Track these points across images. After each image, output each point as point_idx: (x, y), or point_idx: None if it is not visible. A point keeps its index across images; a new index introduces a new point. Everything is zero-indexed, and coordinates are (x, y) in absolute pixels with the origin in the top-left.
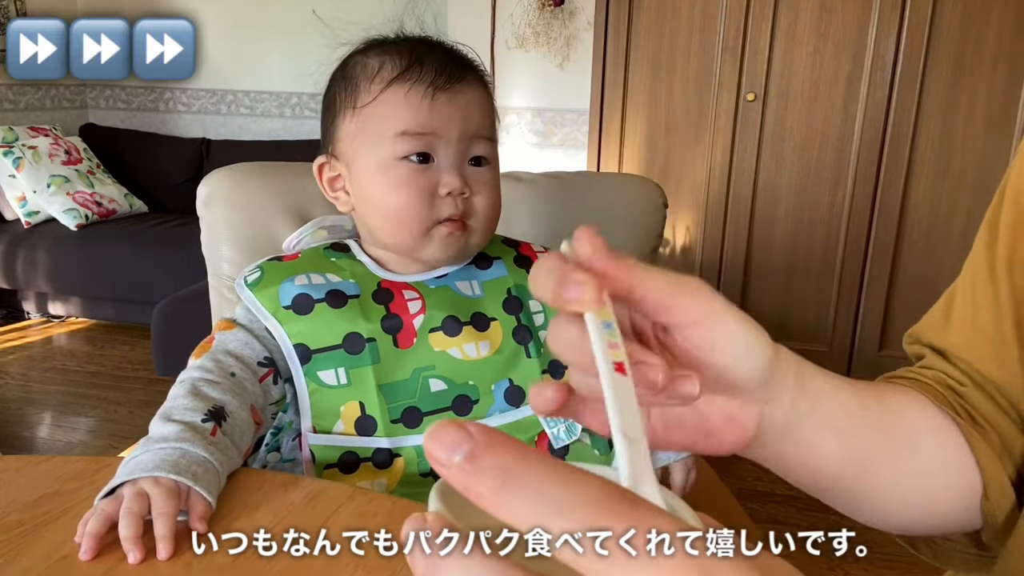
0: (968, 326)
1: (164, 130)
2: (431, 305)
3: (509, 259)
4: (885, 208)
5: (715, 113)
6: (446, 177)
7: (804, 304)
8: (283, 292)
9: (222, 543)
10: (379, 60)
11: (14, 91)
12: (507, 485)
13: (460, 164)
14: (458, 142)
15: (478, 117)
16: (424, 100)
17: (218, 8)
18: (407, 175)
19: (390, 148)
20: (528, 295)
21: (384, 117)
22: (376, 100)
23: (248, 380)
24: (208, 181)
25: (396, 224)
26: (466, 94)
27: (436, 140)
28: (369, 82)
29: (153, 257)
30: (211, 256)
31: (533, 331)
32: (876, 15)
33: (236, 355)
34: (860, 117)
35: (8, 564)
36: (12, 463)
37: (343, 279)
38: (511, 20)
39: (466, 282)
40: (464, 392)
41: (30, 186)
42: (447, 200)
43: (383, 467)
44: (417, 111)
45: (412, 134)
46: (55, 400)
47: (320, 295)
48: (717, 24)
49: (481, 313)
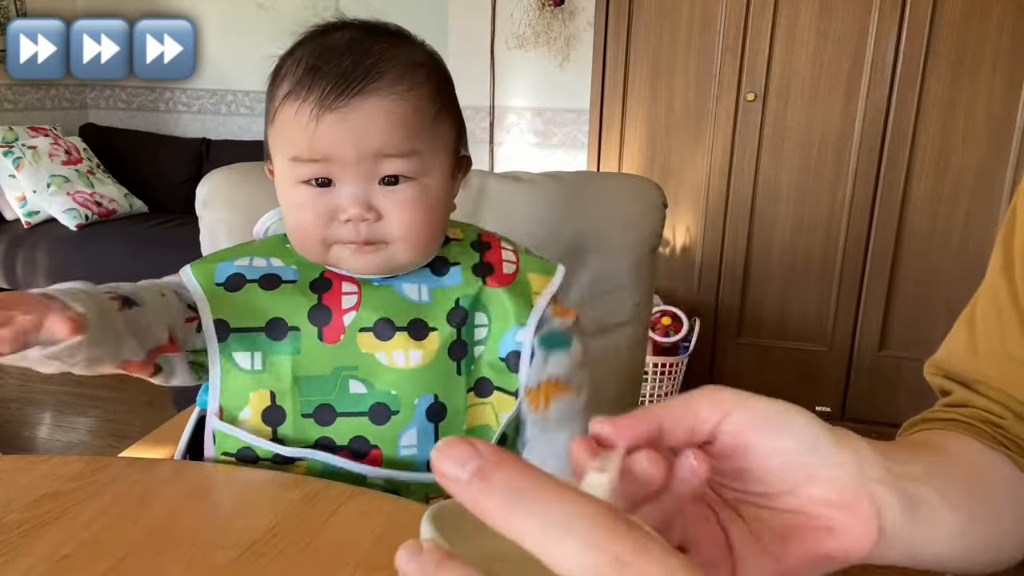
0: (998, 353)
1: (164, 130)
2: (367, 304)
3: (468, 266)
4: (885, 208)
5: (715, 113)
6: (344, 202)
7: (804, 304)
8: (219, 271)
9: (223, 543)
10: (286, 68)
11: (14, 91)
12: (514, 501)
13: (364, 187)
14: (357, 165)
15: (381, 135)
16: (311, 122)
17: (218, 8)
18: (305, 198)
19: (288, 171)
20: (476, 306)
21: (279, 138)
22: (275, 119)
23: (175, 305)
24: (208, 181)
25: (297, 242)
26: (362, 110)
27: (330, 165)
28: (273, 97)
29: (153, 257)
30: None
31: (470, 346)
32: (876, 15)
33: (169, 286)
34: (860, 117)
35: (8, 564)
36: (12, 463)
37: (286, 264)
38: (511, 20)
39: (414, 285)
40: (383, 400)
41: (30, 186)
42: (347, 225)
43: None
44: (303, 134)
45: (303, 160)
46: (55, 400)
47: (254, 276)
48: (717, 24)
49: (421, 320)
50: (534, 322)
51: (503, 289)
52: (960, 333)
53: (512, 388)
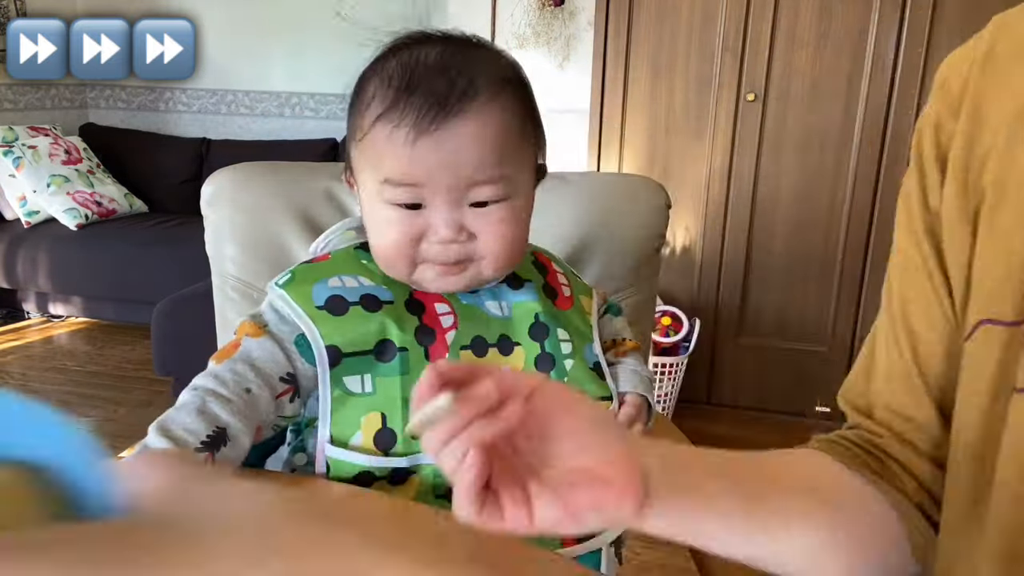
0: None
1: (164, 130)
2: (463, 321)
3: (539, 284)
4: (885, 208)
5: (715, 113)
6: (435, 225)
7: (804, 304)
8: (316, 292)
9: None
10: (374, 86)
11: (14, 91)
12: None
13: (455, 210)
14: (448, 192)
15: (475, 160)
16: (405, 147)
17: (218, 8)
18: (395, 218)
19: (378, 191)
20: (556, 323)
21: (372, 159)
22: (366, 138)
23: (263, 398)
24: (212, 180)
25: (383, 261)
26: (458, 133)
27: (422, 190)
28: (362, 115)
29: (153, 257)
30: (215, 255)
31: (557, 359)
32: (876, 15)
33: (258, 368)
34: (860, 117)
35: None
36: None
37: (375, 283)
38: (511, 20)
39: (495, 301)
40: None
41: (30, 186)
42: (436, 246)
43: (398, 484)
44: (398, 159)
45: (395, 184)
46: (55, 400)
47: (354, 298)
48: (717, 24)
49: (507, 336)
50: (596, 334)
51: (569, 311)
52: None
53: (605, 394)
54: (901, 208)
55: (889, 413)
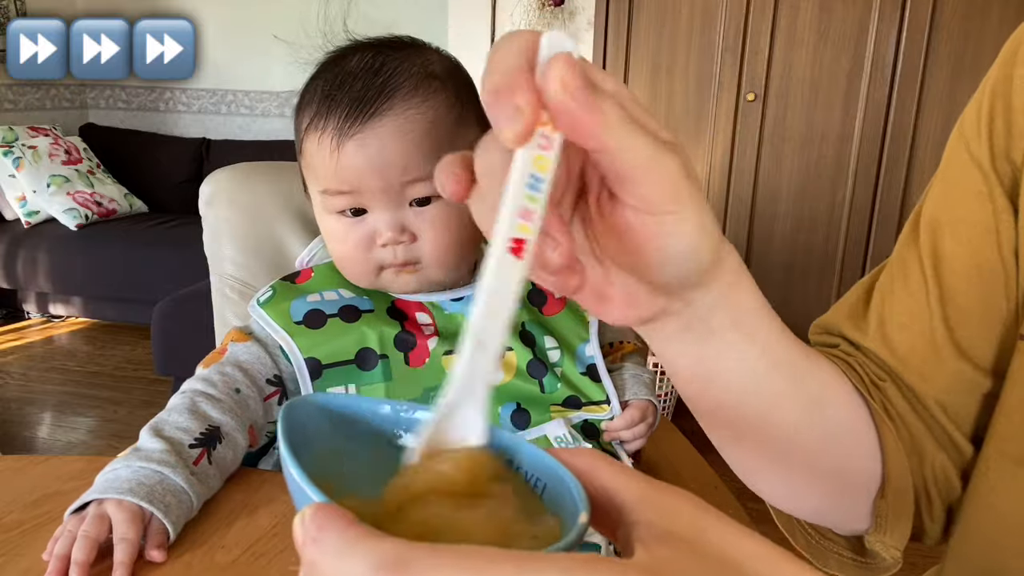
0: (891, 326)
1: (164, 130)
2: (444, 328)
3: (523, 293)
4: (885, 208)
5: (715, 113)
6: (379, 227)
7: (804, 303)
8: (294, 309)
9: (222, 543)
10: (306, 100)
11: (14, 91)
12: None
13: (395, 212)
14: (384, 193)
15: (402, 159)
16: (333, 154)
17: (218, 8)
18: (342, 228)
19: (322, 203)
20: (543, 330)
21: (308, 171)
22: (303, 151)
23: (252, 398)
24: (211, 180)
25: (345, 272)
26: (379, 134)
27: (359, 196)
28: (297, 129)
29: (153, 257)
30: (213, 255)
31: (548, 366)
32: (876, 15)
33: (245, 369)
34: (860, 117)
35: (8, 564)
36: (12, 463)
37: (356, 295)
38: (511, 20)
39: None
40: None
41: (30, 186)
42: (386, 248)
43: None
44: (328, 167)
45: (332, 193)
46: (55, 400)
47: (333, 310)
48: (717, 24)
49: None
50: (594, 332)
51: (559, 315)
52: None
53: (601, 398)
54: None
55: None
